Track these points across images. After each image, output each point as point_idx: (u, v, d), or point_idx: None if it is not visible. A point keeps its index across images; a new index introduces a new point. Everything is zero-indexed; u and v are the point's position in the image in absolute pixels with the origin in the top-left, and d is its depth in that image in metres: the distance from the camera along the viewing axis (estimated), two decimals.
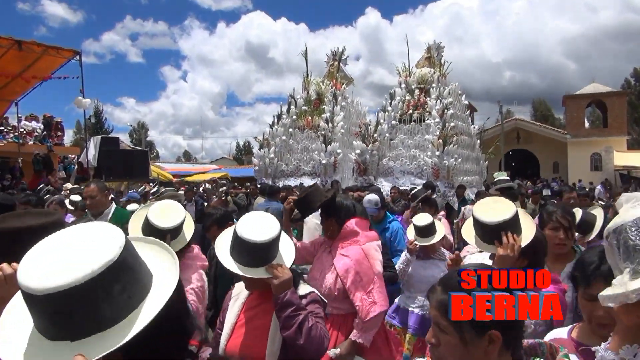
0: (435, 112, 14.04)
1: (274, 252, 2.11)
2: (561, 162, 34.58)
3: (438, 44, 16.24)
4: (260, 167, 15.61)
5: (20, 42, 14.48)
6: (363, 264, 2.92)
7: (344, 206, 3.09)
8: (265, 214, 2.18)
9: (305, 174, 15.00)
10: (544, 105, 56.23)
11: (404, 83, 15.45)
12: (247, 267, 2.05)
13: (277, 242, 2.10)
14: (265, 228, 2.07)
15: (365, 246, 3.00)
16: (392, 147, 14.44)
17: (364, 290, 2.88)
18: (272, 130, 16.00)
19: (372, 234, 3.12)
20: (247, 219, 2.11)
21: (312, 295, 2.19)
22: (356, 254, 2.95)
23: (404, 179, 13.74)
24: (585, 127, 34.97)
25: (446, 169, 13.13)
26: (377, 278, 2.94)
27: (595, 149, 32.12)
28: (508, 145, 33.51)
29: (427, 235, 4.12)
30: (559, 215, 2.84)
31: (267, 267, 2.06)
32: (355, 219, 3.07)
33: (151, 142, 54.35)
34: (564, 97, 35.11)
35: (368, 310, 2.84)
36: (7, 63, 14.99)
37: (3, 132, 18.80)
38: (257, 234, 2.03)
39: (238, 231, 2.04)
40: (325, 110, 15.55)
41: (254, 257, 2.05)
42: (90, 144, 17.19)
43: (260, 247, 2.03)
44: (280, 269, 2.05)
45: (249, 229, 2.05)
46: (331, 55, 17.60)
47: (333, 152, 14.50)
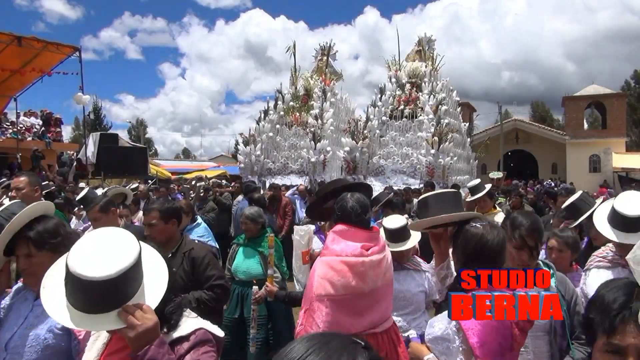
0: (428, 108, 13.48)
1: (129, 288, 1.42)
2: (560, 163, 34.61)
3: (429, 37, 15.65)
4: (246, 165, 15.06)
5: (21, 37, 14.47)
6: (310, 280, 2.59)
7: (339, 208, 2.66)
8: (119, 232, 1.51)
9: (293, 172, 14.53)
10: (542, 107, 56.30)
11: (394, 77, 14.82)
12: (88, 313, 1.39)
13: (134, 273, 1.43)
14: (113, 255, 1.40)
15: (320, 259, 2.57)
16: (383, 145, 13.88)
17: (304, 306, 2.56)
18: (258, 127, 15.38)
19: (346, 247, 2.53)
20: (85, 243, 1.45)
21: (199, 334, 1.59)
22: (314, 264, 2.62)
23: (396, 178, 13.22)
24: (585, 129, 34.99)
25: (441, 168, 12.59)
26: (315, 301, 2.46)
27: (594, 151, 32.15)
28: (507, 146, 33.55)
29: (399, 240, 3.46)
30: (525, 233, 2.31)
31: (119, 312, 1.40)
32: (340, 226, 2.59)
33: (150, 139, 54.26)
34: (564, 98, 35.13)
35: (297, 331, 2.59)
36: (6, 59, 14.97)
37: (2, 128, 18.78)
38: (98, 267, 1.35)
39: (70, 263, 1.37)
40: (314, 107, 15.03)
41: (96, 300, 1.38)
42: (89, 141, 17.20)
43: (105, 286, 1.35)
44: (138, 314, 1.40)
45: (86, 260, 1.37)
46: (320, 50, 16.89)
47: (322, 150, 14.00)
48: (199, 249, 3.33)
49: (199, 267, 3.19)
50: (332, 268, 2.48)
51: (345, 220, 2.59)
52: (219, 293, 3.19)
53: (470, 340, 1.74)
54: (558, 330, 2.26)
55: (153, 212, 3.27)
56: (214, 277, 3.20)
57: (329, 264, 2.50)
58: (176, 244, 3.32)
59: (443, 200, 2.32)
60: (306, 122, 14.87)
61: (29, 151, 16.96)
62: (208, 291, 3.14)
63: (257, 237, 4.41)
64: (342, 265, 2.47)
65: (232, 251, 4.55)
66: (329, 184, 3.19)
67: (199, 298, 3.08)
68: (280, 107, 15.42)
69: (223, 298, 3.31)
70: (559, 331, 2.27)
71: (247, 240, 4.46)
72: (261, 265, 4.28)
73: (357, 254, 2.50)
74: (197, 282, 3.17)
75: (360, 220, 2.61)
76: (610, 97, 33.20)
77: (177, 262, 3.17)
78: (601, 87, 34.63)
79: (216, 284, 3.18)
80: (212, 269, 3.23)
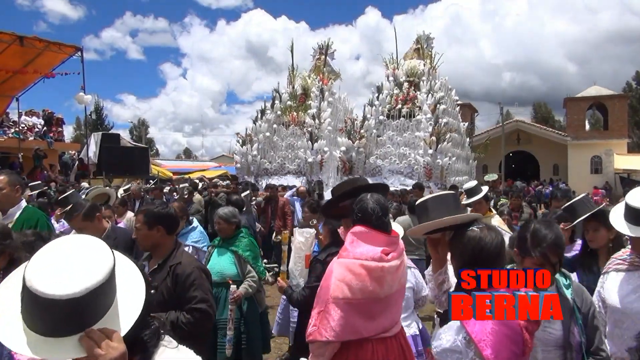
0: (426, 107, 13.10)
1: (96, 310, 1.15)
2: (561, 164, 34.58)
3: (427, 34, 15.25)
4: (242, 165, 14.76)
5: (22, 37, 14.49)
6: (325, 281, 2.52)
7: (358, 208, 2.59)
8: (90, 240, 1.23)
9: (290, 173, 14.26)
10: (544, 108, 56.25)
11: (392, 76, 14.43)
12: (45, 336, 1.12)
13: (104, 291, 1.15)
14: (81, 269, 1.14)
15: (338, 261, 2.52)
16: (380, 145, 13.56)
17: (318, 307, 2.50)
18: (255, 126, 15.10)
19: (366, 250, 2.47)
20: (48, 253, 1.18)
21: None
22: (330, 266, 2.57)
23: (393, 178, 12.84)
24: (586, 130, 34.98)
25: (439, 168, 12.24)
26: (331, 303, 2.42)
27: (596, 152, 32.13)
28: (508, 147, 33.52)
29: None
30: (548, 249, 2.05)
31: (81, 337, 1.13)
32: (359, 227, 2.54)
33: (151, 140, 54.30)
34: (565, 99, 35.11)
35: (308, 332, 2.51)
36: (8, 58, 14.99)
37: (4, 128, 18.82)
38: (60, 283, 1.10)
39: (27, 276, 1.12)
40: (312, 106, 14.73)
41: (55, 321, 1.11)
42: (91, 141, 17.22)
43: (67, 306, 1.09)
44: (103, 343, 1.12)
45: (47, 273, 1.12)
46: (317, 49, 16.51)
47: (319, 150, 13.72)
48: (186, 265, 2.90)
49: (182, 286, 2.83)
50: (351, 271, 2.42)
51: (366, 222, 2.52)
52: (197, 318, 2.78)
53: (484, 352, 1.66)
54: (574, 345, 2.08)
55: (139, 215, 3.07)
56: (196, 299, 2.81)
57: (348, 267, 2.44)
58: (165, 253, 2.98)
59: (442, 202, 2.21)
60: (303, 122, 14.59)
61: (31, 151, 16.99)
62: (187, 314, 2.78)
63: (231, 237, 4.31)
64: (361, 269, 2.41)
65: (207, 253, 4.45)
66: (345, 183, 3.02)
67: (175, 321, 2.72)
68: (278, 106, 15.14)
69: (202, 324, 2.85)
70: (575, 347, 2.08)
71: (222, 241, 4.35)
72: (235, 266, 4.19)
73: (377, 259, 2.44)
74: (178, 301, 2.83)
75: (381, 223, 2.54)
76: (612, 99, 33.20)
77: (161, 276, 2.87)
78: (603, 88, 34.62)
79: (196, 307, 2.80)
80: (195, 289, 2.82)
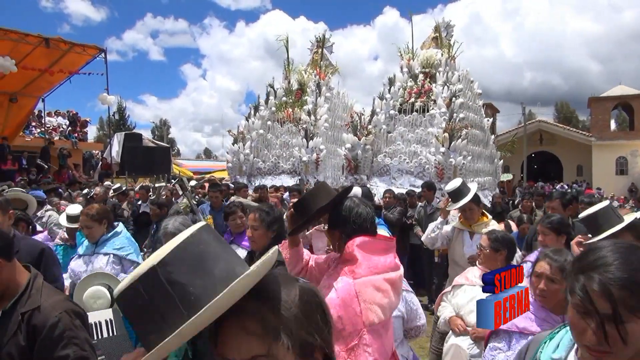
0: (441, 100, 11.72)
1: None
2: (585, 165, 33.88)
3: (447, 22, 13.60)
4: (234, 164, 13.82)
5: (48, 39, 14.79)
6: (349, 308, 2.03)
7: (354, 215, 2.24)
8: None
9: (285, 172, 13.30)
10: (567, 107, 55.23)
11: (406, 67, 13.07)
12: None
13: None
14: None
15: (359, 281, 2.08)
16: (390, 142, 12.16)
17: (345, 344, 2.00)
18: (247, 123, 14.15)
19: (382, 262, 2.17)
20: None
21: None
22: (344, 290, 2.06)
23: (402, 179, 11.65)
24: (611, 130, 34.20)
25: (452, 168, 10.90)
26: (367, 332, 2.02)
27: (621, 153, 31.41)
28: (530, 147, 32.97)
29: None
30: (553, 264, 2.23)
31: None
32: (362, 238, 2.17)
33: (172, 139, 54.94)
34: (590, 99, 34.39)
35: None
36: (35, 60, 15.32)
37: (31, 128, 19.27)
38: None
39: None
40: (308, 102, 13.76)
41: None
42: (114, 140, 17.52)
43: None
44: None
45: None
46: (315, 42, 15.46)
47: (315, 148, 12.80)
48: (47, 310, 1.91)
49: (43, 344, 1.86)
50: (378, 289, 2.10)
51: (363, 231, 2.21)
52: None
53: None
54: None
55: None
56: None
57: (374, 285, 2.10)
58: (12, 294, 1.94)
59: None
60: (299, 119, 13.62)
61: (56, 150, 17.34)
62: None
63: None
64: (386, 284, 2.13)
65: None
66: (316, 193, 2.40)
67: None
68: (272, 102, 14.16)
69: None
70: None
71: None
72: None
73: (394, 267, 2.20)
74: None
75: (375, 228, 2.29)
76: (638, 98, 32.39)
77: (10, 328, 1.89)
78: (629, 87, 33.81)
79: None
80: (65, 346, 1.87)
